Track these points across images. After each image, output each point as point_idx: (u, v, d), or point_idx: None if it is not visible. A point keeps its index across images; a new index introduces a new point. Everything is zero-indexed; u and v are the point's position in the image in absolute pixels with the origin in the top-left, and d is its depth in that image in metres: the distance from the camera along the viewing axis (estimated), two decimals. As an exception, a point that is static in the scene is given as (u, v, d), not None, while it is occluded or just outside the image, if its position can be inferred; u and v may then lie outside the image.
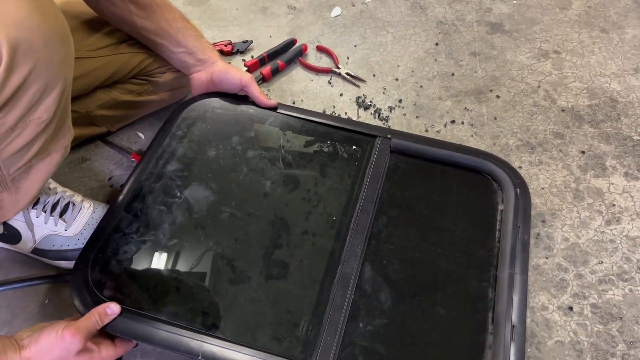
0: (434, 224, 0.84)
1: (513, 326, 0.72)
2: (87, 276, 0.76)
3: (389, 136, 0.93)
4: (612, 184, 0.95)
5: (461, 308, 0.76)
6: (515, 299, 0.74)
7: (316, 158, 0.92)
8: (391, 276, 0.79)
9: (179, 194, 0.87)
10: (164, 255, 0.80)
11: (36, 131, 0.65)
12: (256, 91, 0.95)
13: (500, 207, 0.86)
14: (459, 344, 0.72)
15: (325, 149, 0.93)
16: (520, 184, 0.87)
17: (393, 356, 0.71)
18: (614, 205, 0.92)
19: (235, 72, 0.93)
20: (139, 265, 0.79)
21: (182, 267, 0.79)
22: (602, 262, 0.85)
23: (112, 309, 0.70)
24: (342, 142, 0.94)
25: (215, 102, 0.99)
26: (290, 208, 0.85)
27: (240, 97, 0.99)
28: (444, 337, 0.73)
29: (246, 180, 0.89)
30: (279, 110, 0.97)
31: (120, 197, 0.85)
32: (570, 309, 0.80)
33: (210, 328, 0.72)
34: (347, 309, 0.74)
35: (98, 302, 0.72)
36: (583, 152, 1.00)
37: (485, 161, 0.91)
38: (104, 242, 0.80)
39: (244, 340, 0.71)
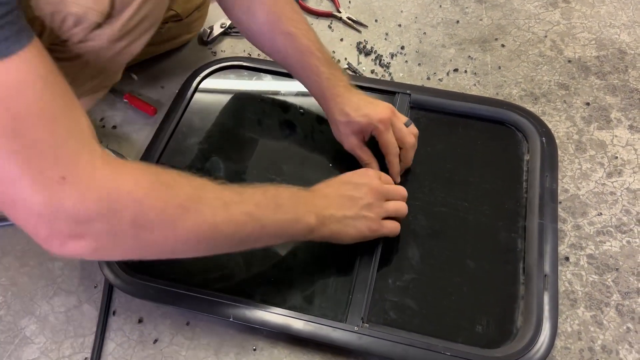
0: (459, 178, 0.83)
1: (545, 275, 0.71)
2: None
3: (408, 92, 0.91)
4: (616, 136, 0.93)
5: (491, 260, 0.75)
6: (547, 248, 0.74)
7: None
8: (418, 231, 0.78)
9: (199, 165, 0.86)
10: None
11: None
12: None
13: (526, 157, 0.85)
14: (490, 296, 0.72)
15: None
16: (545, 132, 0.86)
17: (424, 310, 0.71)
18: (617, 157, 0.90)
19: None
20: None
21: None
22: (601, 213, 0.84)
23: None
24: None
25: (228, 70, 0.99)
26: (312, 169, 0.85)
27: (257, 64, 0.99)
28: (474, 289, 0.73)
29: (267, 146, 0.88)
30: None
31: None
32: (567, 259, 0.79)
33: (241, 292, 0.72)
34: (375, 266, 0.73)
35: (125, 271, 0.73)
36: (588, 104, 0.97)
37: (509, 112, 0.90)
38: None
39: (274, 302, 0.71)
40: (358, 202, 0.69)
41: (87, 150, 0.48)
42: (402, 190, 0.75)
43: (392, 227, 0.73)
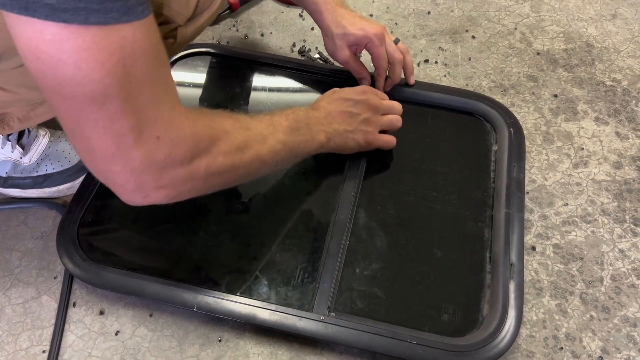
0: (428, 168, 0.83)
1: (511, 264, 0.71)
2: (76, 234, 0.74)
3: None
4: (582, 128, 0.94)
5: (458, 249, 0.75)
6: (514, 237, 0.74)
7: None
8: (386, 221, 0.77)
9: None
10: (154, 213, 0.76)
11: None
12: None
13: (494, 147, 0.86)
14: (456, 284, 0.72)
15: (313, 97, 0.90)
16: (513, 123, 0.87)
17: (391, 299, 0.70)
18: (583, 149, 0.91)
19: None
20: (127, 221, 0.77)
21: (172, 222, 0.76)
22: (567, 204, 0.85)
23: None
24: (329, 89, 0.91)
25: (196, 57, 0.98)
26: None
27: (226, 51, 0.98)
28: (441, 278, 0.72)
29: None
30: (264, 61, 0.96)
31: None
32: (533, 248, 0.80)
33: (205, 281, 0.71)
34: (343, 255, 0.73)
35: (85, 260, 0.71)
36: (555, 96, 0.98)
37: (478, 102, 0.90)
38: (92, 199, 0.77)
39: (239, 291, 0.70)
40: (357, 118, 0.76)
41: (177, 112, 0.53)
42: (397, 106, 0.81)
43: (387, 140, 0.81)
